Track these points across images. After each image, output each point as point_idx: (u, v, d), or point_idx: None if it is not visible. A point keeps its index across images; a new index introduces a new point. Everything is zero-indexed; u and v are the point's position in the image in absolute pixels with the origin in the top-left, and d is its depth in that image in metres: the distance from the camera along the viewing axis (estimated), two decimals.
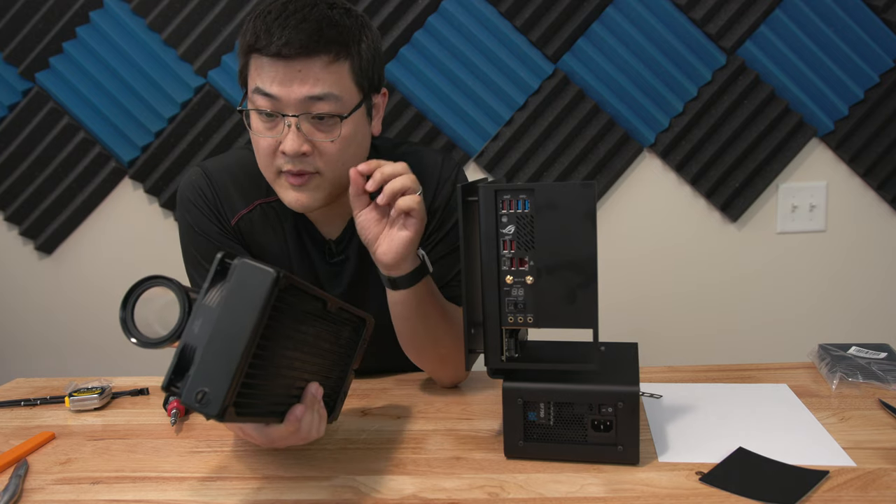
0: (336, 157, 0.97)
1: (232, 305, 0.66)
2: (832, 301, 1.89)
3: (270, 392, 0.73)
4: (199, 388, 0.64)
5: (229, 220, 1.08)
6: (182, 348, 0.67)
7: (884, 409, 0.96)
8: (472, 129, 1.80)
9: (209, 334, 0.66)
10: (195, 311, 0.68)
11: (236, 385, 0.65)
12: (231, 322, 0.65)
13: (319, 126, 0.95)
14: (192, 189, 1.08)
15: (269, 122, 0.96)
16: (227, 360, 0.64)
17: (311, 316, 0.77)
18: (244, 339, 0.65)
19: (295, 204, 1.00)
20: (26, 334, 1.97)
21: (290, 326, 0.73)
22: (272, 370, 0.72)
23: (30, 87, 1.81)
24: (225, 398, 0.64)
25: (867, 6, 1.73)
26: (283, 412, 0.76)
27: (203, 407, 0.64)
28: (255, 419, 0.74)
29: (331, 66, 0.93)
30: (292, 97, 0.93)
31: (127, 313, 0.73)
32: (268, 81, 0.93)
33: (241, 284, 0.66)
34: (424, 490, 0.81)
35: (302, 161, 0.96)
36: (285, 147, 0.94)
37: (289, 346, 0.74)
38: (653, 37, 1.75)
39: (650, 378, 1.11)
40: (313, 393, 0.79)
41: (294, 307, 0.73)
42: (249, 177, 1.09)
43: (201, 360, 0.65)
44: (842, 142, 1.79)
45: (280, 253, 1.10)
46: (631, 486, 0.79)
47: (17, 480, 0.86)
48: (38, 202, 1.86)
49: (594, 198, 0.79)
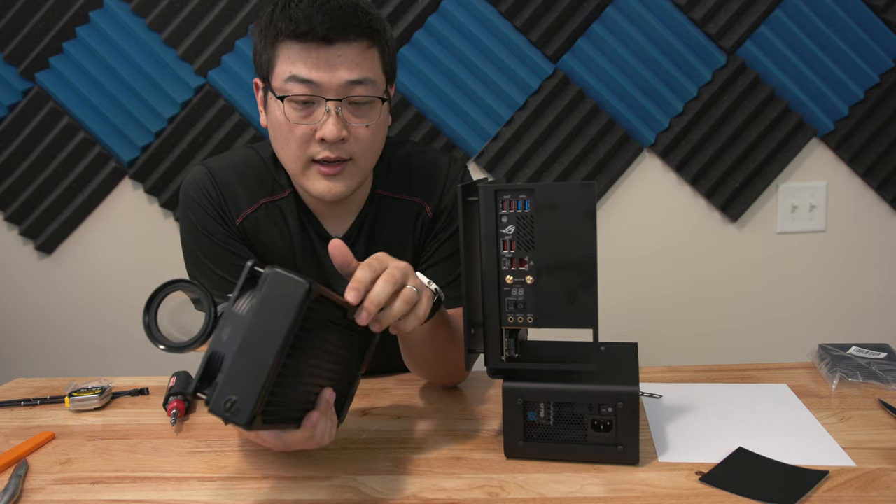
0: (370, 143, 0.99)
1: (263, 315, 0.66)
2: (832, 301, 1.89)
3: (292, 400, 0.73)
4: (228, 396, 0.64)
5: (234, 220, 1.08)
6: (210, 355, 0.67)
7: (884, 409, 0.96)
8: (472, 129, 1.80)
9: (239, 343, 0.65)
10: (224, 319, 0.68)
11: (265, 395, 0.65)
12: (262, 332, 0.65)
13: (356, 111, 0.97)
14: (197, 188, 1.08)
15: (306, 110, 0.96)
16: (258, 370, 0.64)
17: (333, 324, 0.77)
18: (275, 349, 0.65)
19: (327, 194, 1.00)
20: (26, 334, 1.97)
21: (316, 335, 0.73)
22: (297, 378, 0.72)
23: (30, 87, 1.81)
24: (254, 407, 0.64)
25: (867, 6, 1.73)
26: (299, 418, 0.76)
27: (232, 415, 0.64)
28: (278, 426, 0.74)
29: (367, 52, 0.96)
30: (334, 82, 0.94)
31: (151, 318, 0.72)
32: (307, 67, 0.93)
33: (272, 294, 0.66)
34: (424, 490, 0.81)
35: (339, 147, 0.97)
36: (326, 133, 0.94)
37: (313, 355, 0.74)
38: (653, 37, 1.75)
39: (650, 378, 1.11)
40: (328, 399, 0.78)
41: (320, 316, 0.73)
42: (254, 175, 1.09)
43: (230, 368, 0.65)
44: (842, 142, 1.79)
45: (285, 252, 1.10)
46: (631, 486, 0.79)
47: (17, 480, 0.86)
48: (38, 202, 1.86)
49: (594, 198, 0.79)
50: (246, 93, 1.78)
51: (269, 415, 0.69)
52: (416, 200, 1.12)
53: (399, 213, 1.12)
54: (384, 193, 1.12)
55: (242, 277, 0.69)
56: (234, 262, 1.08)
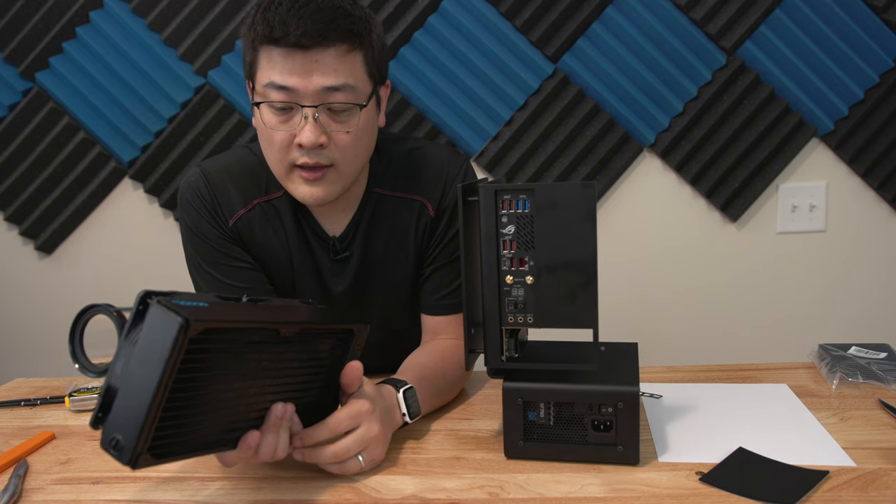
0: (351, 149, 0.97)
1: (143, 352, 0.62)
2: (832, 301, 1.89)
3: (213, 425, 0.71)
4: (113, 434, 0.62)
5: (227, 222, 1.08)
6: (106, 389, 0.65)
7: (884, 409, 0.96)
8: (472, 129, 1.80)
9: (124, 380, 0.63)
10: (118, 351, 0.66)
11: (147, 434, 0.62)
12: (140, 370, 0.62)
13: (335, 117, 0.95)
14: (190, 190, 1.08)
15: (284, 116, 0.95)
16: (137, 410, 0.62)
17: (263, 344, 0.74)
18: (151, 390, 0.61)
19: (309, 199, 0.99)
20: (26, 334, 1.97)
21: (230, 360, 0.70)
22: (210, 406, 0.69)
23: (30, 87, 1.81)
24: (135, 447, 0.62)
25: (867, 6, 1.73)
26: (237, 438, 0.74)
27: (117, 454, 0.62)
28: (192, 455, 0.71)
29: (346, 57, 0.93)
30: (310, 88, 0.92)
31: (76, 344, 0.71)
32: (283, 74, 0.92)
33: (151, 330, 0.62)
34: (424, 490, 0.81)
35: (318, 154, 0.95)
36: (303, 139, 0.93)
37: (233, 380, 0.71)
38: (653, 37, 1.75)
39: (650, 378, 1.11)
40: (278, 415, 0.76)
41: (233, 341, 0.70)
42: (249, 176, 1.08)
43: (116, 406, 0.63)
44: (842, 142, 1.79)
45: (280, 252, 1.10)
46: (631, 486, 0.79)
47: (17, 480, 0.86)
48: (38, 202, 1.86)
49: (594, 198, 0.79)
50: (246, 93, 1.78)
51: (172, 447, 0.66)
52: (418, 199, 1.11)
53: (398, 211, 1.11)
54: (381, 192, 1.11)
55: (134, 308, 0.66)
56: (228, 263, 1.08)
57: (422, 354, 1.08)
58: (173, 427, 0.66)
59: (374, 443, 0.84)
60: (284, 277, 1.11)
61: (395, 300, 1.16)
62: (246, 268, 1.08)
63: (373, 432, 0.84)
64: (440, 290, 1.13)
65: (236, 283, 1.07)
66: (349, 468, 0.83)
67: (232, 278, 1.08)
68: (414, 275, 1.14)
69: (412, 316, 1.18)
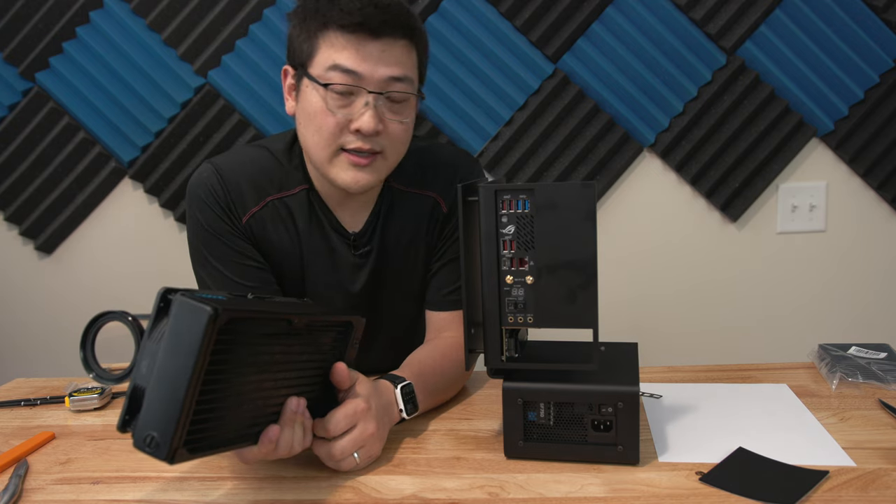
0: (401, 139, 1.01)
1: (172, 346, 0.63)
2: (832, 301, 1.89)
3: (235, 420, 0.72)
4: (148, 432, 0.63)
5: (240, 219, 1.07)
6: (133, 389, 0.65)
7: (884, 409, 0.96)
8: (472, 129, 1.80)
9: (153, 376, 0.63)
10: (142, 350, 0.66)
11: (183, 427, 0.63)
12: (173, 363, 0.63)
13: (392, 107, 0.98)
14: (204, 187, 1.07)
15: (344, 100, 0.96)
16: (172, 404, 0.62)
17: (276, 336, 0.75)
18: (184, 382, 0.62)
19: (353, 185, 1.00)
20: (26, 334, 1.97)
21: (249, 353, 0.71)
22: (233, 400, 0.70)
23: (30, 87, 1.81)
24: (172, 442, 0.62)
25: (867, 6, 1.73)
26: (258, 433, 0.75)
27: (153, 451, 0.62)
28: (219, 450, 0.71)
29: (408, 51, 0.98)
30: (376, 76, 0.95)
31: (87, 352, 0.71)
32: (352, 59, 0.94)
33: (179, 323, 0.63)
34: (424, 490, 0.81)
35: (372, 140, 0.98)
36: (362, 124, 0.95)
37: (251, 373, 0.72)
38: (653, 37, 1.75)
39: (650, 378, 1.11)
40: (293, 409, 0.78)
41: (251, 334, 0.70)
42: (262, 173, 1.08)
43: (147, 403, 0.63)
44: (842, 142, 1.79)
45: (291, 251, 1.10)
46: (631, 486, 0.79)
47: (17, 480, 0.86)
48: (38, 202, 1.86)
49: (594, 198, 0.79)
50: (246, 93, 1.78)
51: (204, 442, 0.67)
52: (431, 195, 1.13)
53: (412, 207, 1.13)
54: (397, 186, 1.12)
55: (155, 305, 0.66)
56: (240, 261, 1.07)
57: (422, 351, 1.08)
58: (204, 421, 0.66)
59: (370, 441, 0.85)
60: (294, 276, 1.11)
61: (408, 296, 1.17)
62: (255, 266, 1.08)
63: (369, 431, 0.85)
64: (447, 286, 1.14)
65: (244, 282, 1.07)
66: (346, 465, 0.84)
67: (240, 276, 1.07)
68: (424, 271, 1.16)
69: (423, 313, 1.19)
